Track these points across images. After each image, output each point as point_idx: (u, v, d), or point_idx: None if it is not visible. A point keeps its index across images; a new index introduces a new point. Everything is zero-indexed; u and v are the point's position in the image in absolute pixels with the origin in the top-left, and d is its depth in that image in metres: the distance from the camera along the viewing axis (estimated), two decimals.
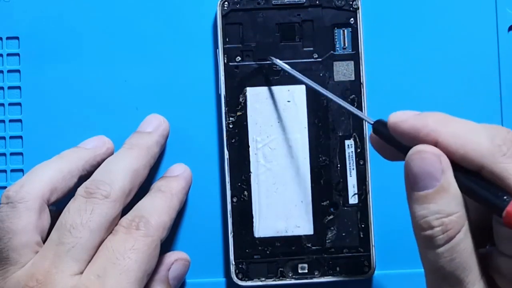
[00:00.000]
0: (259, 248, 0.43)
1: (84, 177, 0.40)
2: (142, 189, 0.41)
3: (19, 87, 0.44)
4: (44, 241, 0.38)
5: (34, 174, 0.39)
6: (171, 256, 0.41)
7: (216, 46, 0.44)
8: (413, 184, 0.32)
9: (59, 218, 0.37)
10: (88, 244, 0.36)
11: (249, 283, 0.42)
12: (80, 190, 0.38)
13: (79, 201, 0.37)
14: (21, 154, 0.44)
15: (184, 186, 0.42)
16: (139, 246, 0.37)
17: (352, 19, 0.43)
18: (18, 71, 0.44)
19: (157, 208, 0.39)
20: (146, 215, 0.38)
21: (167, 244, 0.43)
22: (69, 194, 0.39)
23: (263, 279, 0.43)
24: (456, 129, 0.31)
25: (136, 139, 0.41)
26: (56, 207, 0.40)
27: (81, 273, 0.36)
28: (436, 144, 0.31)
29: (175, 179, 0.42)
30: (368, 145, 0.43)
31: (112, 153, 0.43)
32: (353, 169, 0.43)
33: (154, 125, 0.42)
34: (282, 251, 0.43)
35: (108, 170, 0.39)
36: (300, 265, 0.43)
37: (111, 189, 0.38)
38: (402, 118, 0.33)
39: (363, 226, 0.43)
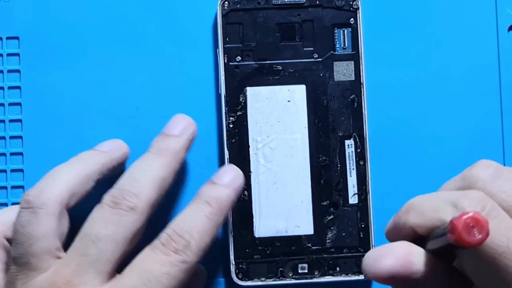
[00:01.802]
0: (259, 248, 0.43)
1: (100, 180, 0.40)
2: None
3: (19, 87, 0.44)
4: (63, 246, 0.38)
5: (53, 178, 0.39)
6: None
7: (216, 46, 0.44)
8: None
9: (84, 226, 0.37)
10: (113, 257, 0.36)
11: (249, 283, 0.42)
12: (107, 199, 0.37)
13: (105, 211, 0.37)
14: (21, 154, 0.44)
15: (233, 199, 0.39)
16: (174, 272, 0.36)
17: (352, 19, 0.43)
18: (18, 71, 0.44)
19: (200, 227, 0.37)
20: (186, 237, 0.36)
21: None
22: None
23: (263, 279, 0.43)
24: (422, 209, 0.30)
25: (163, 143, 0.40)
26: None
27: (103, 284, 0.36)
28: (413, 229, 0.30)
29: (225, 189, 0.39)
30: (368, 145, 0.43)
31: (127, 157, 0.42)
32: (353, 169, 0.43)
33: (181, 127, 0.41)
34: (282, 251, 0.43)
35: (135, 178, 0.38)
36: (300, 265, 0.43)
37: (138, 200, 0.37)
38: (388, 225, 0.33)
39: (363, 226, 0.43)
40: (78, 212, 0.38)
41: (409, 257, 0.29)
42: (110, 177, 0.41)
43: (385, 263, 0.29)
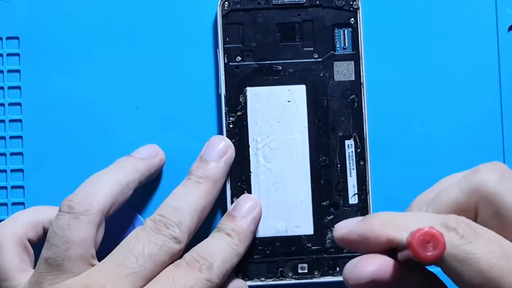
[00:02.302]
0: (259, 248, 0.42)
1: (137, 188, 0.41)
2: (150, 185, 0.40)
3: (19, 87, 0.44)
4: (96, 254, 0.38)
5: (95, 185, 0.39)
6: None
7: (216, 46, 0.44)
8: None
9: (126, 241, 0.38)
10: (149, 275, 0.36)
11: (249, 283, 0.42)
12: (150, 223, 0.38)
13: (149, 233, 0.38)
14: (21, 154, 0.44)
15: (253, 230, 0.41)
16: (198, 287, 0.37)
17: (352, 19, 0.43)
18: (18, 71, 0.44)
19: (222, 254, 0.39)
20: (209, 259, 0.38)
21: None
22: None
23: (263, 279, 0.43)
24: (406, 224, 0.29)
25: (204, 170, 0.40)
26: None
27: None
28: (390, 242, 0.30)
29: (244, 222, 0.40)
30: (368, 145, 0.43)
31: (163, 164, 0.43)
32: (353, 169, 0.43)
33: (220, 151, 0.41)
34: (282, 251, 0.43)
35: (176, 208, 0.39)
36: (300, 265, 0.43)
37: (179, 231, 0.38)
38: (346, 229, 0.31)
39: None
40: None
41: (388, 263, 0.29)
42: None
43: (366, 268, 0.29)
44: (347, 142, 0.43)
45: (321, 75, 0.43)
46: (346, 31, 0.43)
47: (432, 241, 0.26)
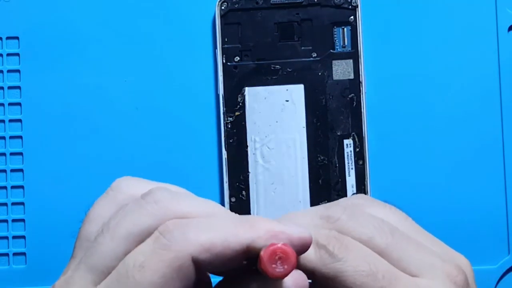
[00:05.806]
0: None
1: None
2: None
3: (19, 87, 0.44)
4: None
5: None
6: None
7: (215, 46, 0.44)
8: None
9: None
10: None
11: None
12: None
13: None
14: (21, 154, 0.44)
15: None
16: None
17: (351, 17, 0.43)
18: (18, 71, 0.44)
19: None
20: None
21: None
22: None
23: None
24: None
25: None
26: None
27: None
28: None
29: None
30: (367, 145, 0.43)
31: None
32: (352, 169, 0.43)
33: None
34: None
35: None
36: None
37: None
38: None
39: None
40: None
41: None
42: None
43: None
44: (345, 141, 0.43)
45: (320, 74, 0.43)
46: (345, 29, 0.43)
47: (283, 258, 0.25)
